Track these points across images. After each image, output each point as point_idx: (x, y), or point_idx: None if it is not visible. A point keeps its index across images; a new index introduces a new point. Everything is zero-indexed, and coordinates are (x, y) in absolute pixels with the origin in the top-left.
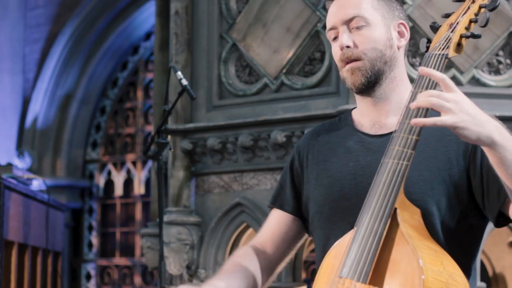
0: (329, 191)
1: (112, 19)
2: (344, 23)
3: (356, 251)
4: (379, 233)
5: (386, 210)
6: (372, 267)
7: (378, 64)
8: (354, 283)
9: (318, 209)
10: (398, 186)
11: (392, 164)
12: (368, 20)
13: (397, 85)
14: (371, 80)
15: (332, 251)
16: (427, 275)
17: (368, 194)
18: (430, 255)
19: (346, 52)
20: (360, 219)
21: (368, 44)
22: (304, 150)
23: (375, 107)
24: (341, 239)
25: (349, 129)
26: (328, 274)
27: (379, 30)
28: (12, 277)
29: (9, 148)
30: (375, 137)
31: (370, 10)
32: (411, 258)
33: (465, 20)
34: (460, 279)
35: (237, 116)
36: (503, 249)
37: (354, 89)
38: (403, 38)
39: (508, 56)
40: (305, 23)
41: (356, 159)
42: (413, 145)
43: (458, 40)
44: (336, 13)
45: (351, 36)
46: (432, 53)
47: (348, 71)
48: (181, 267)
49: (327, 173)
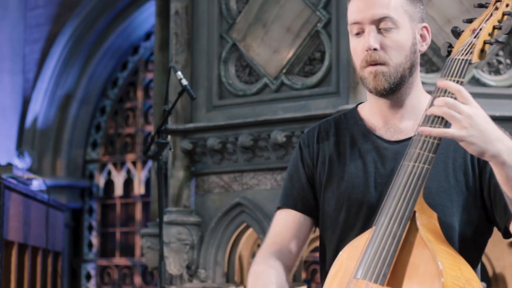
0: (346, 197)
1: (112, 19)
2: (372, 22)
3: (374, 253)
4: (398, 236)
5: (406, 213)
6: (390, 269)
7: (401, 70)
8: (371, 285)
9: (333, 213)
10: (419, 189)
11: (413, 167)
12: (398, 23)
13: (414, 89)
14: (393, 87)
15: (344, 253)
16: (446, 279)
17: (387, 196)
18: (449, 259)
19: (372, 54)
20: (378, 221)
21: (396, 49)
22: (314, 146)
23: (390, 109)
24: (355, 240)
25: (361, 130)
26: (341, 274)
27: (407, 34)
28: (12, 277)
29: (9, 148)
30: (391, 143)
31: (400, 10)
32: (430, 262)
33: (489, 26)
34: (477, 284)
35: (237, 116)
36: (503, 249)
37: (374, 92)
38: (424, 43)
39: (508, 56)
40: (305, 23)
41: (375, 165)
42: (434, 148)
43: (482, 47)
44: (364, 9)
45: (378, 37)
46: (455, 57)
47: (371, 74)
48: (181, 267)
49: (343, 176)
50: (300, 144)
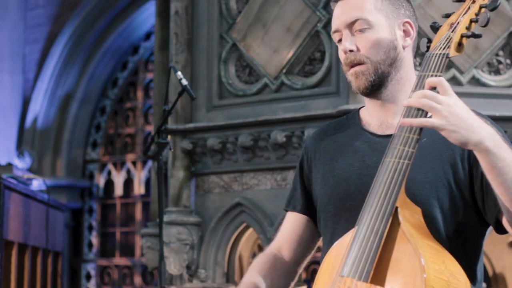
0: (334, 190)
1: (112, 19)
2: (346, 26)
3: (357, 250)
4: (380, 232)
5: (388, 209)
6: (374, 266)
7: (381, 67)
8: (356, 282)
9: (323, 208)
10: (400, 185)
11: (393, 163)
12: (371, 23)
13: (404, 85)
14: (375, 84)
15: (332, 251)
16: (429, 273)
17: (369, 193)
18: (432, 253)
19: (349, 56)
20: (361, 218)
21: (371, 47)
22: (312, 150)
23: (383, 108)
24: (341, 238)
25: (357, 129)
26: (328, 273)
27: (383, 32)
28: (12, 277)
29: (9, 148)
30: (382, 137)
31: (373, 11)
32: (413, 257)
33: (465, 20)
34: (462, 277)
35: (237, 116)
36: (503, 249)
37: (359, 92)
38: (408, 37)
39: (508, 56)
40: (305, 23)
41: (362, 159)
42: (414, 144)
43: (459, 40)
44: (339, 16)
45: (354, 39)
46: (432, 52)
47: (353, 75)
48: (181, 267)
49: (332, 172)
50: (304, 148)
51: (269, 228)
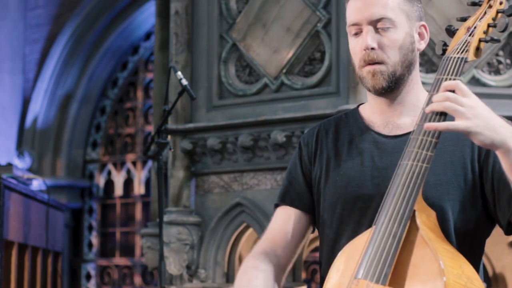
0: (343, 191)
1: (112, 19)
2: (370, 22)
3: (374, 253)
4: (398, 235)
5: (406, 212)
6: (392, 269)
7: (400, 68)
8: (372, 285)
9: (329, 208)
10: (418, 188)
11: (411, 166)
12: (395, 22)
13: (413, 87)
14: (391, 85)
15: (345, 252)
16: (448, 278)
17: (386, 195)
18: (450, 258)
19: (370, 53)
20: (378, 220)
21: (394, 47)
22: (312, 145)
23: (390, 107)
24: (355, 239)
25: (360, 127)
26: (340, 273)
27: (404, 33)
28: (12, 277)
29: (9, 148)
30: (390, 138)
31: (397, 10)
32: (432, 261)
33: (483, 24)
34: (478, 282)
35: (237, 116)
36: (503, 249)
37: (373, 91)
38: (423, 41)
39: (508, 56)
40: (305, 23)
41: (372, 159)
42: (432, 147)
43: (477, 45)
44: (361, 10)
45: (376, 37)
46: (450, 56)
47: (369, 73)
48: (181, 267)
49: (339, 171)
50: (300, 143)
51: None
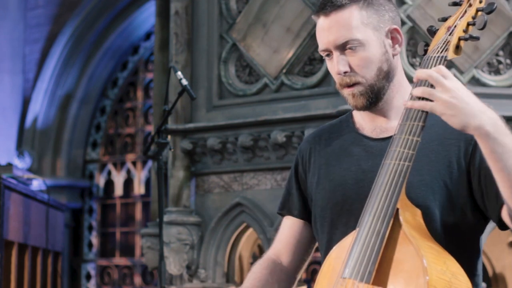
0: (331, 195)
1: (112, 19)
2: (336, 47)
3: (359, 252)
4: (382, 233)
5: (389, 210)
6: (376, 267)
7: (377, 82)
8: (357, 284)
9: (320, 213)
10: (400, 186)
11: (394, 165)
12: (361, 41)
13: (398, 91)
14: (372, 101)
15: (333, 253)
16: (431, 274)
17: (370, 195)
18: (433, 254)
19: (344, 78)
20: (362, 220)
21: (366, 65)
22: (306, 154)
23: (378, 113)
24: (342, 240)
25: (351, 132)
26: (329, 275)
27: (374, 47)
28: (12, 277)
29: (9, 148)
30: (377, 141)
31: (361, 28)
32: (415, 258)
33: (463, 23)
34: (463, 278)
35: (237, 116)
36: (503, 249)
37: (356, 110)
38: (397, 45)
39: (508, 56)
40: (305, 23)
41: (358, 163)
42: (414, 146)
43: (456, 43)
44: (327, 35)
45: (346, 58)
46: (431, 55)
47: (349, 95)
48: (181, 267)
49: (329, 177)
50: (298, 151)
51: (269, 228)
